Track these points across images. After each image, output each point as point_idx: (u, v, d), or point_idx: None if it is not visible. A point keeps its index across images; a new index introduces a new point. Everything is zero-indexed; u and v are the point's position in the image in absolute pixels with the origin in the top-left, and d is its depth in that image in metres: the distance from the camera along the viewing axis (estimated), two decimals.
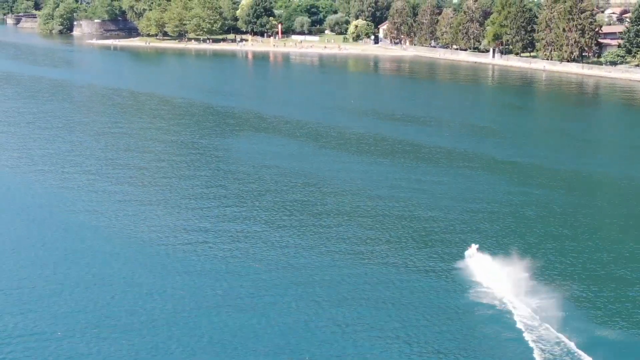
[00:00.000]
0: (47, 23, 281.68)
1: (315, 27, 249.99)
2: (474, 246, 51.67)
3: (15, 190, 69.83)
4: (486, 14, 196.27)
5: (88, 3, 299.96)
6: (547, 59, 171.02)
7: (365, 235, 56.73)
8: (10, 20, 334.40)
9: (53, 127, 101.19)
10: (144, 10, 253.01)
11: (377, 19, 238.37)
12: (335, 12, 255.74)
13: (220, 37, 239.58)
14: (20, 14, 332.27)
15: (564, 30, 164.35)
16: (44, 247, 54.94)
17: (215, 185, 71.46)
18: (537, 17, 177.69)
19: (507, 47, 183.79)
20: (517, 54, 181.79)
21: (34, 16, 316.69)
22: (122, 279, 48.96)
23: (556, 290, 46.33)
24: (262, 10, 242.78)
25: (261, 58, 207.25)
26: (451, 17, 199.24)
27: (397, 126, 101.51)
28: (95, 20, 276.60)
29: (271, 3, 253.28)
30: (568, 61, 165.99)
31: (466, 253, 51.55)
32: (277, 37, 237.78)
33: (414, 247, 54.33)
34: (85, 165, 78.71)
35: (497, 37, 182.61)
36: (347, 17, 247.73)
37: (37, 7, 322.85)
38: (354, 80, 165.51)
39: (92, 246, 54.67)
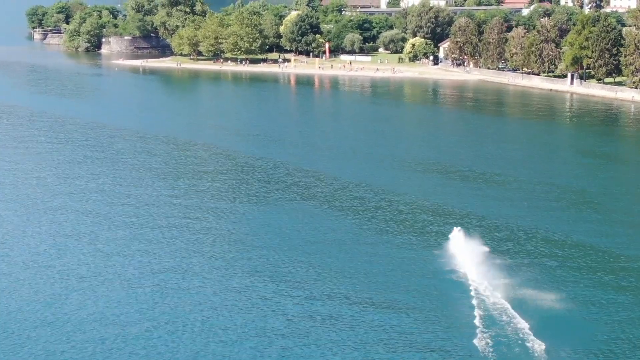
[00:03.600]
0: (73, 40, 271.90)
1: (368, 44, 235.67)
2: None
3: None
4: (563, 33, 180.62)
5: (124, 16, 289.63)
6: (636, 87, 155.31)
7: None
8: (37, 36, 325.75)
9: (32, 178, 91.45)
10: (177, 27, 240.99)
11: (437, 37, 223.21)
12: (391, 27, 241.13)
13: (260, 56, 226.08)
14: (48, 28, 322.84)
15: None
16: None
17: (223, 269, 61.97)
18: (623, 38, 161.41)
19: (587, 72, 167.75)
20: (599, 80, 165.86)
21: (60, 31, 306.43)
22: None
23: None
24: (307, 27, 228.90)
25: (305, 83, 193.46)
26: (522, 37, 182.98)
27: (460, 189, 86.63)
28: (126, 37, 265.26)
29: (318, 19, 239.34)
30: None
31: None
32: (324, 57, 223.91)
33: None
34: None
35: (576, 60, 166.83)
36: (403, 34, 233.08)
37: (68, 20, 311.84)
38: (409, 116, 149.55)
39: None
